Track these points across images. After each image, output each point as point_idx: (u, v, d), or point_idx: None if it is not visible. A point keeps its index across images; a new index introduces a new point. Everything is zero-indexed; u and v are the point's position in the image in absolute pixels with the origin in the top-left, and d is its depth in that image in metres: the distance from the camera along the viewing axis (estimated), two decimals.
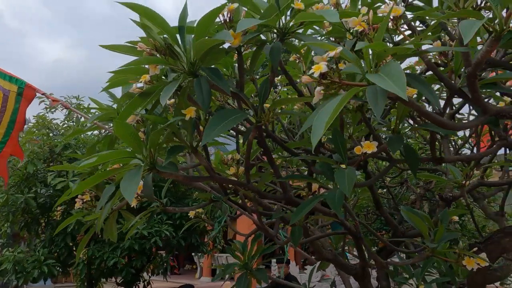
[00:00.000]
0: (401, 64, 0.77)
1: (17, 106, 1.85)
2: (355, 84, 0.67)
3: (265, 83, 1.06)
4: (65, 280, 8.87)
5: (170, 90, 0.81)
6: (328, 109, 0.59)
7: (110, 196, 0.86)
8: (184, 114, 0.90)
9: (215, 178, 1.06)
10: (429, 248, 1.43)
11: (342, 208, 1.54)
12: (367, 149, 0.93)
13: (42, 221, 4.07)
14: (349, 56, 0.69)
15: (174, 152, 0.88)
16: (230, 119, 0.83)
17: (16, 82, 1.86)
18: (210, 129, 0.78)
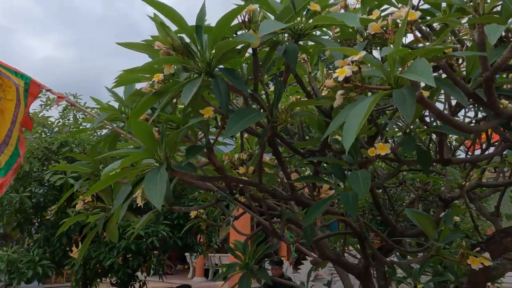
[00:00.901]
0: None
1: (26, 101, 1.82)
2: (379, 88, 0.68)
3: (279, 83, 1.06)
4: (54, 281, 8.71)
5: (191, 89, 0.81)
6: (360, 111, 0.59)
7: (127, 196, 0.86)
8: (201, 114, 0.90)
9: (227, 178, 1.06)
10: (434, 247, 1.46)
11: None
12: (381, 151, 0.95)
13: (35, 221, 4.00)
14: (372, 61, 0.70)
15: (193, 152, 0.88)
16: (249, 117, 0.83)
17: (22, 77, 1.83)
18: (231, 126, 0.79)
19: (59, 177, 3.23)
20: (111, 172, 0.82)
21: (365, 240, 1.70)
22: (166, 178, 0.77)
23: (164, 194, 0.78)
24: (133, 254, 3.64)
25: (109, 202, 2.04)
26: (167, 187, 0.82)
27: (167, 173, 0.79)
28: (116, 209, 0.93)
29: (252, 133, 1.14)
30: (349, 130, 0.58)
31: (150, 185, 0.78)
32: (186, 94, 0.80)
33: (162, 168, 0.83)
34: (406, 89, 0.62)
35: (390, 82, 0.67)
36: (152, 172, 0.84)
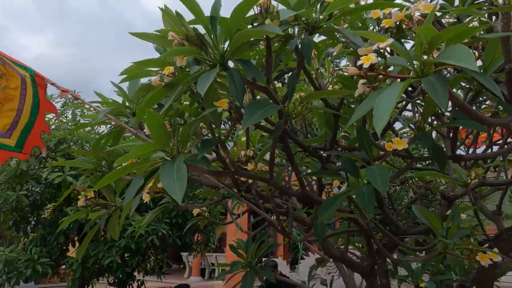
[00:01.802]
0: None
1: (36, 91, 1.78)
2: (405, 77, 0.66)
3: (292, 77, 1.05)
4: (48, 281, 8.59)
5: (207, 80, 0.78)
6: (390, 96, 0.57)
7: (139, 188, 0.83)
8: (215, 106, 0.88)
9: (239, 173, 1.04)
10: (441, 245, 1.45)
11: (355, 206, 1.54)
12: (398, 146, 0.93)
13: (31, 220, 3.93)
14: (399, 48, 0.68)
15: (207, 145, 0.86)
16: (265, 108, 0.81)
17: (26, 69, 1.79)
18: (249, 116, 0.77)
19: (58, 174, 3.18)
20: (124, 160, 0.79)
21: (372, 237, 1.68)
22: (186, 173, 0.74)
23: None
24: (132, 253, 3.59)
25: (111, 199, 2.01)
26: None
27: (185, 165, 0.77)
28: (127, 203, 0.91)
29: (263, 128, 1.11)
30: (380, 114, 0.56)
31: (167, 179, 0.75)
32: (202, 84, 0.77)
33: (178, 161, 0.80)
34: (434, 77, 0.60)
35: (416, 71, 0.66)
36: (166, 165, 0.82)
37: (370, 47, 0.72)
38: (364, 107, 0.65)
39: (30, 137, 1.89)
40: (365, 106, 0.65)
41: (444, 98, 0.55)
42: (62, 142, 3.49)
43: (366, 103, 0.65)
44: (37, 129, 1.91)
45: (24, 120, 1.87)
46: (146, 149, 0.82)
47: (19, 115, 1.84)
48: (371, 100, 0.65)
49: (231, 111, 0.94)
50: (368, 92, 1.10)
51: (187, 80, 0.93)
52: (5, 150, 1.86)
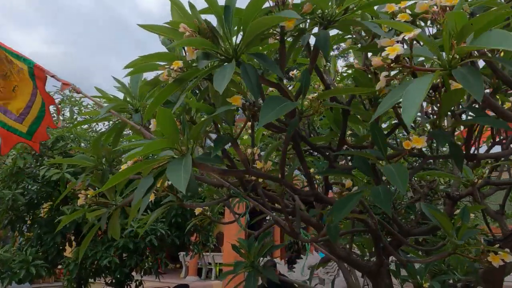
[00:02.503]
0: None
1: (35, 84, 1.71)
2: (432, 70, 0.63)
3: (305, 73, 1.01)
4: (43, 281, 8.49)
5: (223, 74, 0.74)
6: (418, 89, 0.54)
7: (148, 188, 0.79)
8: (228, 103, 0.84)
9: (250, 172, 1.00)
10: (452, 245, 1.43)
11: (361, 205, 1.52)
12: (417, 144, 0.90)
13: (27, 219, 3.85)
14: (426, 39, 0.65)
15: (221, 143, 0.82)
16: (283, 105, 0.78)
17: (25, 61, 1.72)
18: (266, 112, 0.73)
19: (55, 172, 3.11)
20: (132, 158, 0.75)
21: (379, 238, 1.66)
22: (191, 166, 0.71)
23: (188, 182, 0.71)
24: (130, 253, 3.54)
25: (112, 198, 1.96)
26: (191, 178, 0.75)
27: (192, 162, 0.73)
28: (135, 204, 0.87)
29: (275, 126, 1.08)
30: (408, 106, 0.53)
31: (173, 173, 0.72)
32: (218, 79, 0.73)
33: (186, 158, 0.77)
34: (465, 69, 0.57)
35: (444, 63, 0.62)
36: (174, 161, 0.78)
37: (393, 39, 0.69)
38: (390, 100, 0.61)
39: (40, 128, 1.83)
40: (391, 99, 0.61)
41: (479, 90, 0.52)
42: (59, 140, 3.42)
43: (393, 96, 0.61)
44: (46, 121, 1.85)
45: (36, 108, 1.81)
46: (157, 146, 0.78)
47: (32, 101, 1.79)
48: (397, 93, 0.61)
49: (244, 108, 0.90)
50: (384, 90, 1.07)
51: (199, 75, 0.89)
52: (16, 135, 1.81)
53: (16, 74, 1.76)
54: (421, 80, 0.56)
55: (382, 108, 0.62)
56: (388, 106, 0.62)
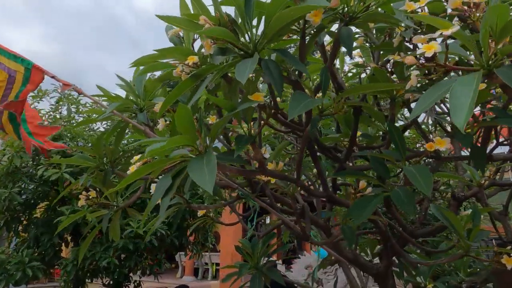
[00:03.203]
0: None
1: (22, 89, 1.66)
2: (471, 69, 0.60)
3: (325, 71, 0.98)
4: (36, 282, 8.39)
5: (245, 68, 0.71)
6: (464, 89, 0.51)
7: (167, 189, 0.76)
8: (250, 100, 0.81)
9: (266, 172, 0.97)
10: (464, 246, 1.41)
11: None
12: (440, 146, 0.88)
13: (23, 219, 3.77)
14: (464, 36, 0.62)
15: (243, 142, 0.79)
16: (308, 100, 0.75)
17: (23, 62, 1.67)
18: (295, 106, 0.70)
19: (54, 171, 3.04)
20: (155, 152, 0.72)
21: (389, 239, 1.64)
22: (216, 165, 0.67)
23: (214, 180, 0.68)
24: (129, 254, 3.48)
25: (113, 199, 1.92)
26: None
27: (215, 158, 0.70)
28: (148, 206, 0.83)
29: (289, 125, 1.05)
30: (459, 107, 0.50)
31: (196, 172, 0.68)
32: (241, 71, 0.70)
33: (207, 155, 0.73)
34: (510, 67, 0.54)
35: (482, 62, 0.60)
36: (194, 160, 0.75)
37: (426, 36, 0.66)
38: (428, 99, 0.59)
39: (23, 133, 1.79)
40: (429, 98, 0.58)
41: None
42: (57, 139, 3.35)
43: (430, 95, 0.59)
44: (31, 121, 1.81)
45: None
46: (178, 142, 0.75)
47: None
48: (435, 92, 0.58)
49: (264, 106, 0.87)
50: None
51: (216, 70, 0.86)
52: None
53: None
54: (465, 80, 0.53)
55: (420, 107, 0.59)
56: (427, 106, 0.59)
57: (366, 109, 1.29)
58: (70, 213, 3.12)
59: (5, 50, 1.70)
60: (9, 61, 1.87)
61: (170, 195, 0.73)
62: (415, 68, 1.03)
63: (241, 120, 0.86)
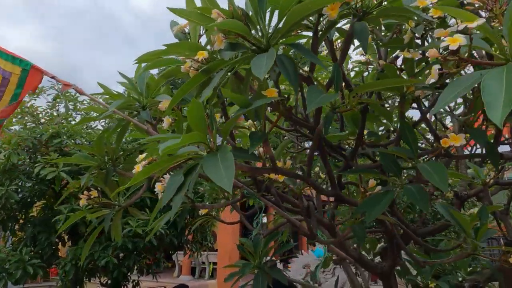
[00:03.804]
0: None
1: (18, 92, 1.61)
2: (496, 64, 0.59)
3: (336, 67, 0.96)
4: (31, 281, 8.31)
5: (261, 62, 0.69)
6: (496, 83, 0.50)
7: (179, 187, 0.74)
8: (264, 96, 0.79)
9: (277, 170, 0.95)
10: (472, 245, 1.40)
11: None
12: (455, 142, 0.87)
13: (19, 218, 3.72)
14: (489, 30, 0.61)
15: (258, 139, 0.77)
16: (324, 96, 0.73)
17: (21, 63, 1.62)
18: (312, 100, 0.69)
19: (51, 170, 3.00)
20: (171, 148, 0.70)
21: (395, 238, 1.63)
22: (233, 161, 0.65)
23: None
24: (128, 253, 3.45)
25: (115, 198, 1.89)
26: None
27: (231, 154, 0.68)
28: (157, 204, 0.81)
29: (299, 122, 1.03)
30: (494, 102, 0.48)
31: (213, 169, 0.66)
32: (257, 65, 0.68)
33: (222, 151, 0.71)
34: None
35: (507, 56, 0.58)
36: (208, 157, 0.73)
37: (448, 29, 0.64)
38: (451, 93, 0.57)
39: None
40: (452, 92, 0.57)
41: None
42: (55, 137, 3.30)
43: (453, 90, 0.57)
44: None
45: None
46: (191, 139, 0.73)
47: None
48: (458, 86, 0.57)
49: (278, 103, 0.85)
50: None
51: (230, 64, 0.83)
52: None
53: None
54: (494, 74, 0.51)
55: (443, 102, 0.58)
56: (451, 100, 0.57)
57: (373, 107, 1.27)
58: (68, 212, 3.08)
59: (1, 51, 1.66)
60: (5, 63, 1.83)
61: (182, 193, 0.71)
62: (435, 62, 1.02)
63: (252, 117, 0.84)
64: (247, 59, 0.83)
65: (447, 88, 0.59)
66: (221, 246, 9.22)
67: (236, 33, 0.80)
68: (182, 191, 0.72)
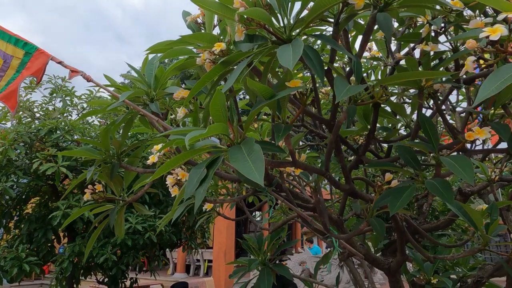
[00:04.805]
0: None
1: (15, 76, 1.50)
2: None
3: (356, 59, 0.95)
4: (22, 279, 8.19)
5: (289, 55, 0.67)
6: None
7: (202, 179, 0.71)
8: (288, 87, 0.77)
9: (297, 164, 0.93)
10: (483, 240, 1.40)
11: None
12: (479, 135, 0.86)
13: (14, 215, 3.64)
14: None
15: (284, 131, 0.75)
16: (352, 86, 0.71)
17: (25, 46, 1.52)
18: (341, 90, 0.67)
19: (50, 165, 2.93)
20: (197, 138, 0.67)
21: (404, 234, 1.62)
22: (262, 153, 0.63)
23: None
24: (127, 250, 3.40)
25: (119, 192, 1.86)
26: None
27: (258, 146, 0.66)
28: (178, 197, 0.78)
29: (316, 117, 1.01)
30: None
31: (240, 162, 0.64)
32: (285, 55, 0.66)
33: (246, 143, 0.69)
34: None
35: None
36: (233, 149, 0.71)
37: (486, 19, 0.63)
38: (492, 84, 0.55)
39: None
40: (494, 83, 0.55)
41: None
42: (53, 131, 3.23)
43: (495, 80, 0.55)
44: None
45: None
46: (216, 130, 0.70)
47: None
48: (498, 77, 0.55)
49: (302, 94, 0.83)
50: None
51: (250, 55, 0.81)
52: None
53: None
54: None
55: (485, 92, 0.56)
56: (493, 91, 0.56)
57: (387, 102, 1.26)
58: (66, 208, 3.02)
59: (5, 32, 1.56)
60: (6, 45, 1.71)
61: (205, 186, 0.69)
62: (451, 58, 1.01)
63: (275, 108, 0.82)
64: (269, 50, 0.81)
65: (488, 78, 0.58)
66: (216, 244, 9.20)
67: (259, 24, 0.78)
68: (206, 183, 0.70)
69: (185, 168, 1.40)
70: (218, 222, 8.70)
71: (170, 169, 0.77)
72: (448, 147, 0.98)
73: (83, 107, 3.85)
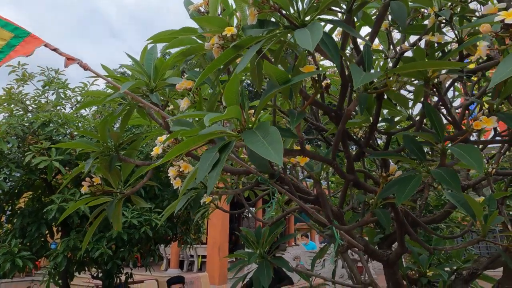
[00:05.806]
0: None
1: (1, 56, 1.42)
2: None
3: (367, 47, 0.94)
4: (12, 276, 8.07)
5: (308, 38, 0.66)
6: None
7: (215, 162, 0.70)
8: (302, 72, 0.76)
9: (305, 153, 0.93)
10: (483, 230, 1.43)
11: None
12: (487, 124, 0.87)
13: (6, 209, 3.57)
14: None
15: (298, 116, 0.74)
16: (368, 73, 0.71)
17: (14, 30, 1.46)
18: (358, 76, 0.67)
19: (43, 159, 2.87)
20: (217, 119, 0.66)
21: (405, 226, 1.64)
22: (278, 134, 0.63)
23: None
24: (123, 244, 3.37)
25: (117, 185, 1.83)
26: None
27: (275, 128, 0.65)
28: (185, 185, 0.77)
29: (323, 106, 1.01)
30: None
31: (256, 145, 0.63)
32: (304, 40, 0.65)
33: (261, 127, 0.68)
34: None
35: None
36: (246, 133, 0.70)
37: (500, 4, 0.63)
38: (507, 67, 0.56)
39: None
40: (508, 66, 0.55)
41: None
42: (46, 124, 3.16)
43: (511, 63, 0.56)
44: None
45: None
46: (230, 115, 0.69)
47: None
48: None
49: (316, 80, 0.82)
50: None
51: (263, 39, 0.80)
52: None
53: None
54: None
55: (499, 75, 0.56)
56: (507, 74, 0.56)
57: (389, 93, 1.26)
58: (61, 202, 2.97)
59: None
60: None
61: (219, 169, 0.68)
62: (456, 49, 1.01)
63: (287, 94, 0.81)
64: (282, 35, 0.80)
65: (503, 62, 0.58)
66: (210, 239, 9.19)
67: (273, 7, 0.77)
68: (219, 167, 0.69)
69: (187, 160, 1.38)
70: (213, 217, 8.69)
71: (180, 153, 0.76)
72: (450, 139, 0.99)
73: (77, 100, 3.78)
